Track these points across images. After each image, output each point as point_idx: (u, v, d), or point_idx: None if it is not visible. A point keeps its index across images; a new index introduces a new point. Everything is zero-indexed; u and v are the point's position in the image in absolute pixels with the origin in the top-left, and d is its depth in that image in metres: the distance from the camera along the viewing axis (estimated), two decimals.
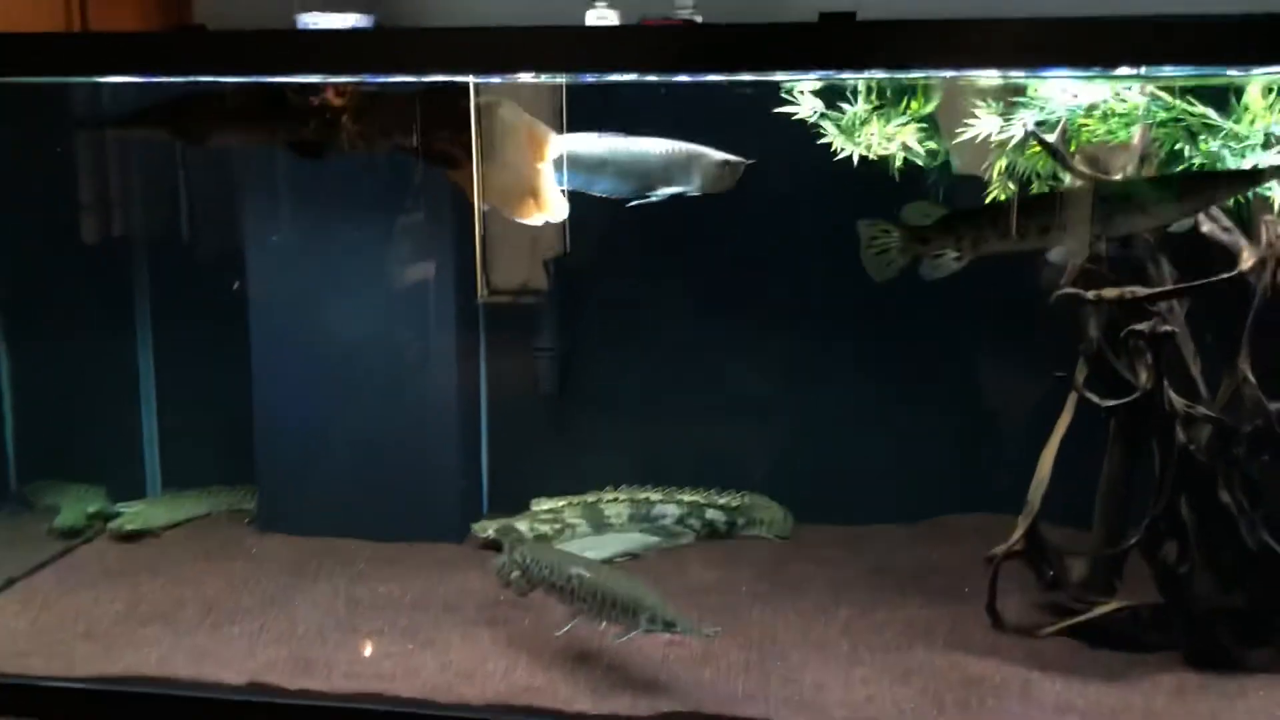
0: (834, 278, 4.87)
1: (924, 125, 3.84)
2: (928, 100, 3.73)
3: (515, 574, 3.82)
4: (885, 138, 3.71)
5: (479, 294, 4.49)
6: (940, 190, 4.33)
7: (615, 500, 4.97)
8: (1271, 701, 3.42)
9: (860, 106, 3.75)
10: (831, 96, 3.92)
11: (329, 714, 3.38)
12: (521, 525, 4.83)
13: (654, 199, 4.15)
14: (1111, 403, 3.69)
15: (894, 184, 4.47)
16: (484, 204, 3.87)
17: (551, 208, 3.81)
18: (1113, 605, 3.95)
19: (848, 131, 3.79)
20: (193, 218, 5.39)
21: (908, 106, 3.75)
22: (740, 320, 5.02)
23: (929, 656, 3.71)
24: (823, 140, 3.93)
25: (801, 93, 3.88)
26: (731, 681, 3.57)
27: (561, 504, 4.94)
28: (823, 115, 3.88)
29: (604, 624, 3.56)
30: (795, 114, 3.92)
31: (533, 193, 3.71)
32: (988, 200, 3.87)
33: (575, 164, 4.07)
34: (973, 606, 4.07)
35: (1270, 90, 3.47)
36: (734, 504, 4.97)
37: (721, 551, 4.80)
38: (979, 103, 3.75)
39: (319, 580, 4.47)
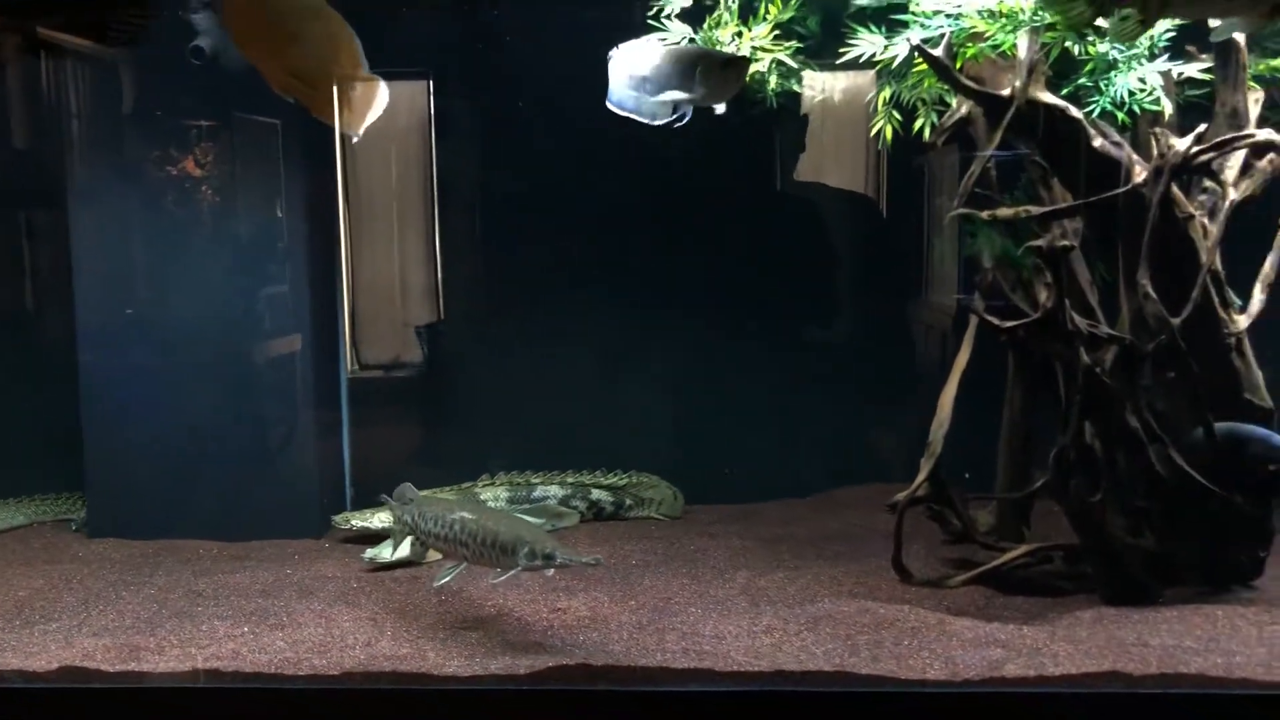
0: (722, 258, 4.73)
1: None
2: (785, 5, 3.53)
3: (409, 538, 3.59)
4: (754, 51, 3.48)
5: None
6: None
7: (492, 484, 4.59)
8: (1190, 625, 3.23)
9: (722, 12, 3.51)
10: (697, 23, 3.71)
11: (153, 695, 2.89)
12: (388, 516, 4.39)
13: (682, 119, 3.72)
14: (1011, 323, 3.49)
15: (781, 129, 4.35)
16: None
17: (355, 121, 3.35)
18: (1023, 549, 3.74)
19: (715, 45, 3.55)
20: (19, 223, 4.95)
21: (766, 12, 3.53)
22: (629, 303, 4.78)
23: (836, 606, 3.42)
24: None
25: (670, 16, 3.66)
26: (623, 640, 3.22)
27: (426, 494, 4.52)
28: (691, 41, 3.65)
29: (488, 565, 3.25)
30: (665, 39, 3.70)
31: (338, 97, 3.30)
32: None
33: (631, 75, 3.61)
34: (878, 563, 3.83)
35: None
36: (621, 483, 4.65)
37: (609, 530, 4.48)
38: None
39: (155, 576, 3.97)
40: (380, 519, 4.34)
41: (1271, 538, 3.59)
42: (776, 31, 3.52)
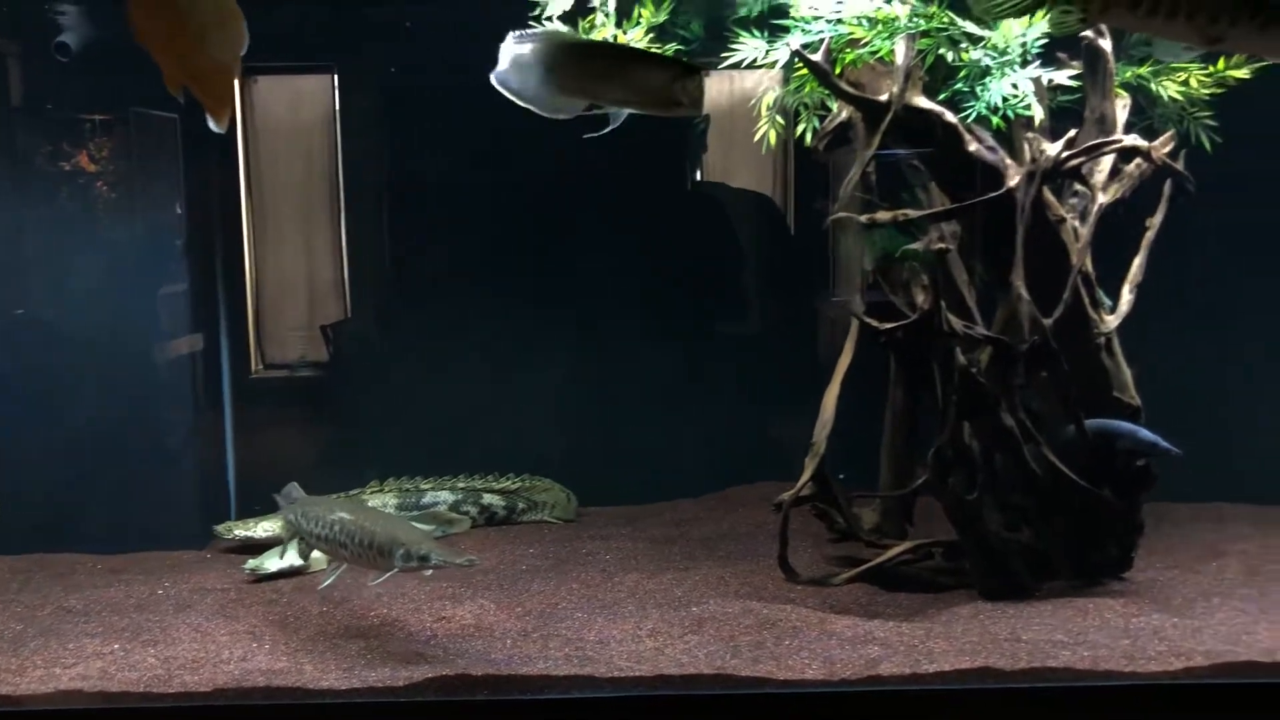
0: (617, 258, 4.73)
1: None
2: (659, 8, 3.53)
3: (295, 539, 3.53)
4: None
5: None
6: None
7: (380, 491, 4.51)
8: (1062, 618, 3.31)
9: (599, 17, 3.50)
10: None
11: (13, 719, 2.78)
12: (273, 525, 4.29)
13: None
14: (890, 325, 3.55)
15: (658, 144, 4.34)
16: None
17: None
18: (904, 546, 3.81)
19: None
20: None
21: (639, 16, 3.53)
22: (529, 303, 4.76)
23: (721, 607, 3.44)
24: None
25: (550, 19, 3.63)
26: (507, 647, 3.19)
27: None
28: None
29: (366, 566, 3.22)
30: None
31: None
32: None
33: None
34: (765, 563, 3.87)
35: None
36: (513, 487, 4.62)
37: (501, 535, 4.44)
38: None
39: (24, 593, 3.82)
40: (264, 528, 4.25)
41: (1140, 531, 3.71)
42: (652, 34, 3.50)
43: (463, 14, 4.02)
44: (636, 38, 3.47)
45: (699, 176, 4.90)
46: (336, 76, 4.68)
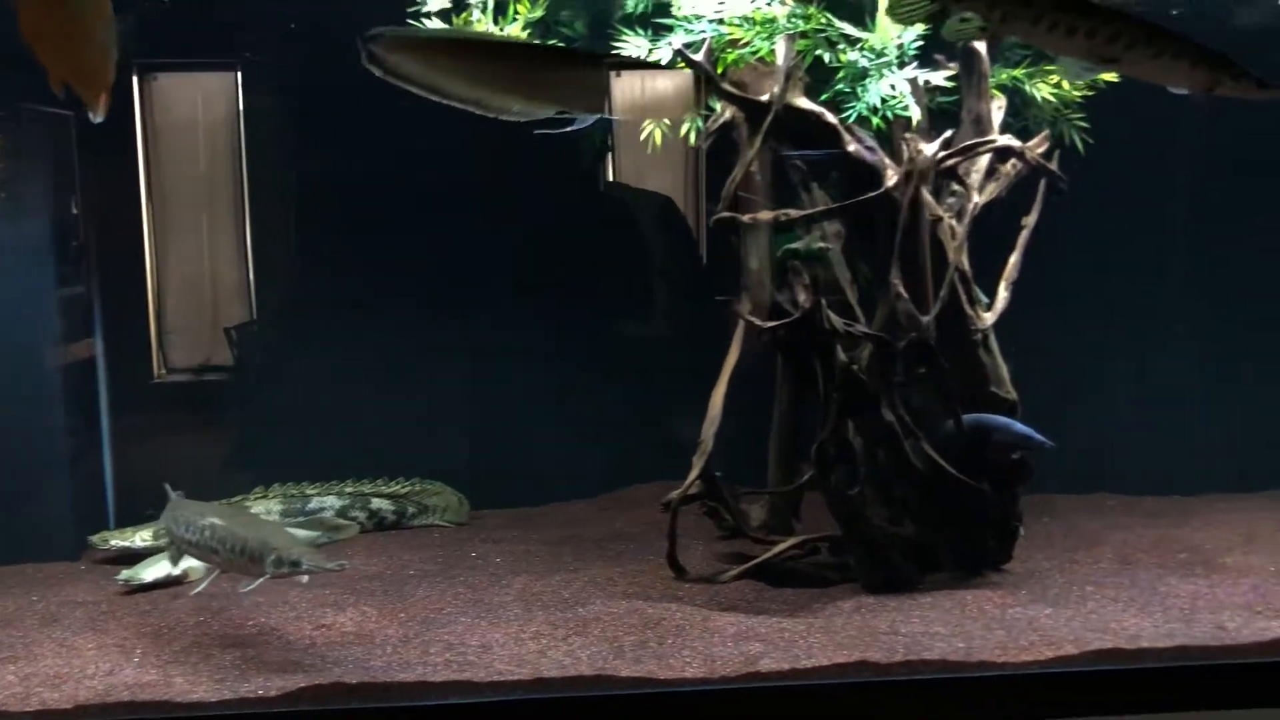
0: (513, 258, 4.69)
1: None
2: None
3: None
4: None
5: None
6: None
7: (265, 497, 4.41)
8: (941, 610, 3.37)
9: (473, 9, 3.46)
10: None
11: None
12: (151, 534, 4.16)
13: None
14: (772, 323, 3.57)
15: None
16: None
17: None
18: (790, 542, 3.84)
19: None
20: None
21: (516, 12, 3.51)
22: (421, 310, 4.69)
23: (607, 607, 3.43)
24: None
25: (430, 15, 3.58)
26: (387, 654, 3.14)
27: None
28: None
29: (239, 572, 3.15)
30: None
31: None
32: None
33: None
34: (656, 562, 3.87)
35: None
36: (403, 492, 4.55)
37: (390, 540, 4.37)
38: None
39: None
40: (142, 538, 4.12)
41: (1019, 523, 3.79)
42: (530, 31, 3.47)
43: (368, 11, 3.95)
44: (514, 34, 3.43)
45: (610, 177, 4.87)
46: (240, 74, 4.57)
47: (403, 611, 3.49)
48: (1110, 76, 3.83)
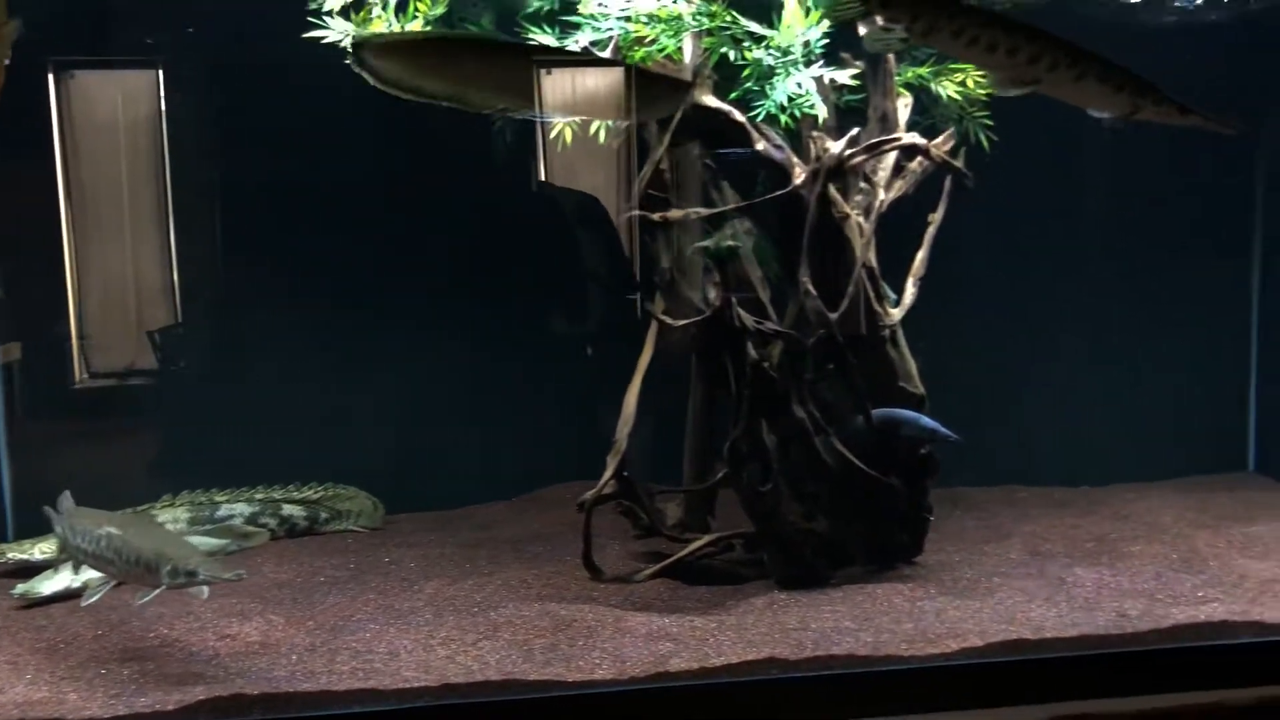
0: (433, 260, 4.64)
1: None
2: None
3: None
4: None
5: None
6: None
7: (172, 505, 4.30)
8: (852, 605, 3.39)
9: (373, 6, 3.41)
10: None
11: None
12: (51, 546, 4.03)
13: None
14: (682, 322, 3.57)
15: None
16: None
17: None
18: (704, 540, 3.84)
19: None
20: None
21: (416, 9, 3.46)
22: (341, 312, 4.61)
23: (519, 610, 3.40)
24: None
25: (331, 13, 3.52)
26: (291, 664, 3.08)
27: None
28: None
29: (135, 583, 3.08)
30: (325, 38, 3.55)
31: None
32: None
33: None
34: (571, 563, 3.84)
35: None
36: (315, 497, 4.47)
37: (301, 546, 4.29)
38: None
39: None
40: (42, 550, 3.99)
41: (930, 516, 3.83)
42: (431, 29, 3.43)
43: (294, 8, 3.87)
44: (415, 30, 3.38)
45: (541, 177, 4.82)
46: (160, 72, 4.45)
47: (311, 619, 3.43)
48: None
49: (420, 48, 3.48)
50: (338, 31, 3.53)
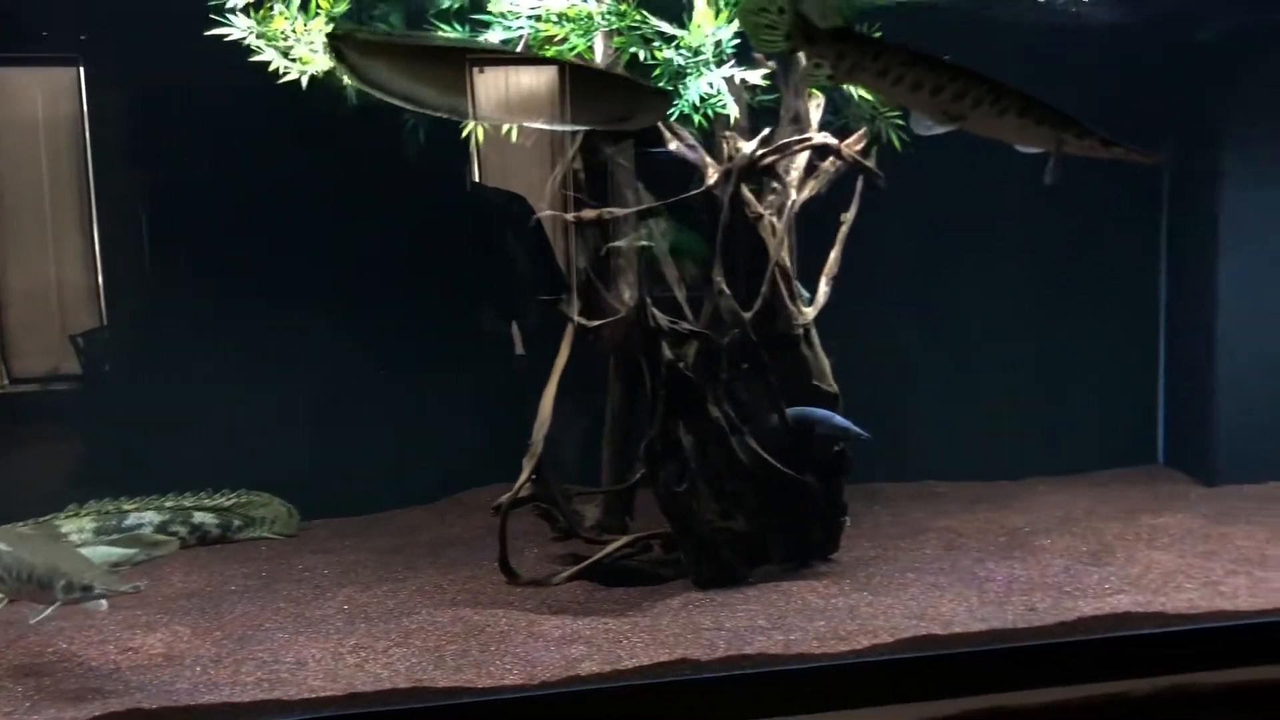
0: (340, 263, 4.57)
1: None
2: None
3: None
4: (308, 44, 3.33)
5: None
6: None
7: (77, 515, 4.19)
8: (766, 603, 3.40)
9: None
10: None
11: None
12: None
13: None
14: (597, 322, 3.55)
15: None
16: None
17: None
18: (621, 541, 3.83)
19: (272, 38, 3.37)
20: None
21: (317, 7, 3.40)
22: (251, 313, 4.52)
23: (433, 616, 3.36)
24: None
25: (235, 10, 3.44)
26: (194, 676, 3.00)
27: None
28: (261, 35, 3.44)
29: (28, 600, 2.98)
30: (229, 35, 3.47)
31: None
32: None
33: None
34: (489, 567, 3.81)
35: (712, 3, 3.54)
36: (227, 504, 4.38)
37: (213, 554, 4.20)
38: None
39: None
40: None
41: (844, 513, 3.85)
42: (333, 26, 3.37)
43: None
44: (316, 28, 3.32)
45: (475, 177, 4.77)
46: (81, 69, 4.33)
47: (218, 629, 3.36)
48: None
49: (416, 54, 3.43)
50: (240, 29, 3.45)
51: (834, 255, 3.88)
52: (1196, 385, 4.86)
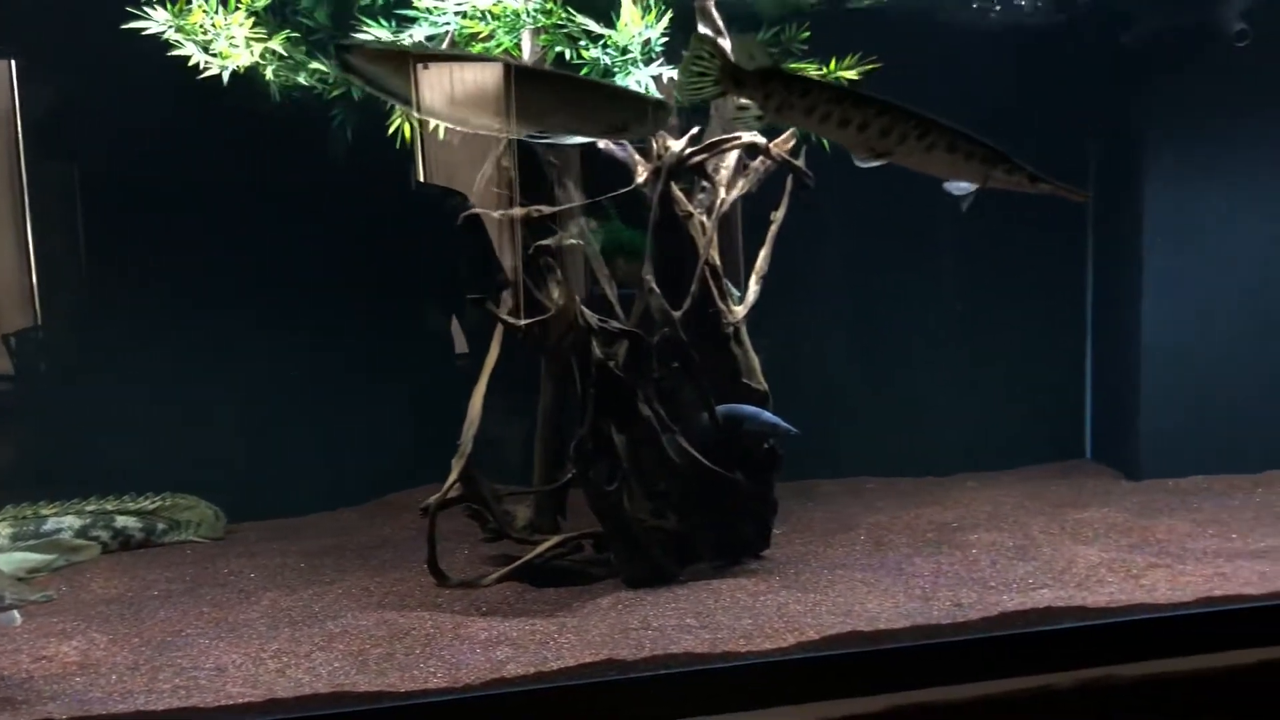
0: (274, 261, 4.51)
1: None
2: None
3: None
4: (228, 38, 3.27)
5: None
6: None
7: None
8: (695, 602, 3.40)
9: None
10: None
11: None
12: None
13: None
14: (526, 321, 3.53)
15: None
16: None
17: None
18: (552, 541, 3.81)
19: (191, 32, 3.31)
20: None
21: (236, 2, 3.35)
22: (184, 313, 4.46)
23: (358, 620, 3.31)
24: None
25: (152, 4, 3.37)
26: (108, 685, 2.94)
27: None
28: (179, 29, 3.37)
29: None
30: (147, 29, 3.40)
31: None
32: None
33: None
34: (418, 569, 3.76)
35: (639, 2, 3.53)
36: (151, 508, 4.29)
37: (135, 560, 4.12)
38: None
39: None
40: None
41: (774, 510, 3.87)
42: (254, 20, 3.31)
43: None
44: (235, 22, 3.26)
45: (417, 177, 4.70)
46: (13, 63, 4.21)
47: (136, 636, 3.29)
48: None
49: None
50: (159, 23, 3.38)
51: (764, 254, 3.89)
52: (1121, 382, 4.94)
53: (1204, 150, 4.67)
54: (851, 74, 3.96)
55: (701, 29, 3.62)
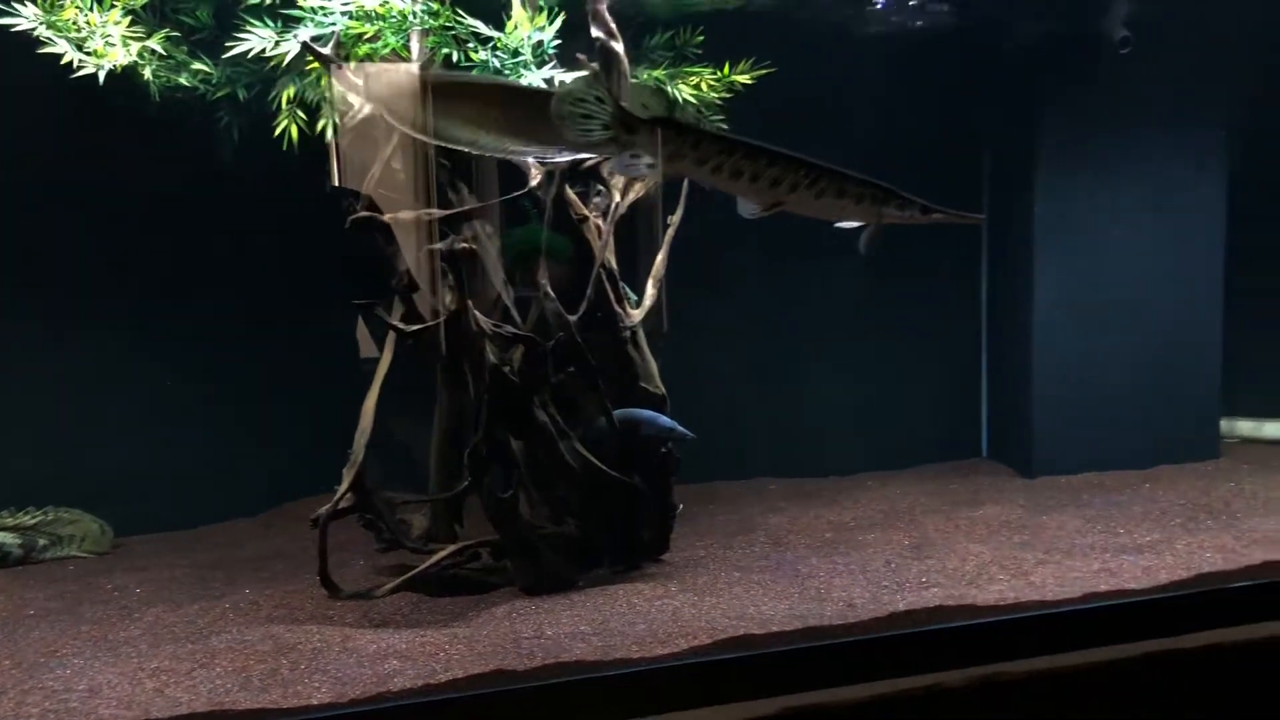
0: (165, 266, 4.38)
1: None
2: None
3: None
4: (103, 36, 3.16)
5: None
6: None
7: None
8: (591, 608, 3.38)
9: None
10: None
11: None
12: None
13: None
14: (414, 327, 3.47)
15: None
16: None
17: None
18: (447, 550, 3.75)
19: (63, 29, 3.18)
20: None
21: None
22: (45, 320, 4.30)
23: (243, 635, 3.23)
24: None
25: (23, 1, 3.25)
26: None
27: None
28: (50, 25, 3.25)
29: None
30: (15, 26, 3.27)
31: None
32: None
33: None
34: (311, 581, 3.68)
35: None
36: (31, 523, 4.14)
37: (13, 578, 3.97)
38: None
39: None
40: None
41: (674, 513, 3.86)
42: (132, 19, 3.20)
43: None
44: (111, 20, 3.15)
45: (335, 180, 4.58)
46: None
47: (8, 659, 3.16)
48: (744, 79, 3.98)
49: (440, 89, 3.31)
50: (29, 19, 3.26)
51: (660, 257, 3.89)
52: (1015, 381, 5.04)
53: (1092, 156, 4.78)
54: (745, 78, 3.97)
55: (595, 32, 3.60)
